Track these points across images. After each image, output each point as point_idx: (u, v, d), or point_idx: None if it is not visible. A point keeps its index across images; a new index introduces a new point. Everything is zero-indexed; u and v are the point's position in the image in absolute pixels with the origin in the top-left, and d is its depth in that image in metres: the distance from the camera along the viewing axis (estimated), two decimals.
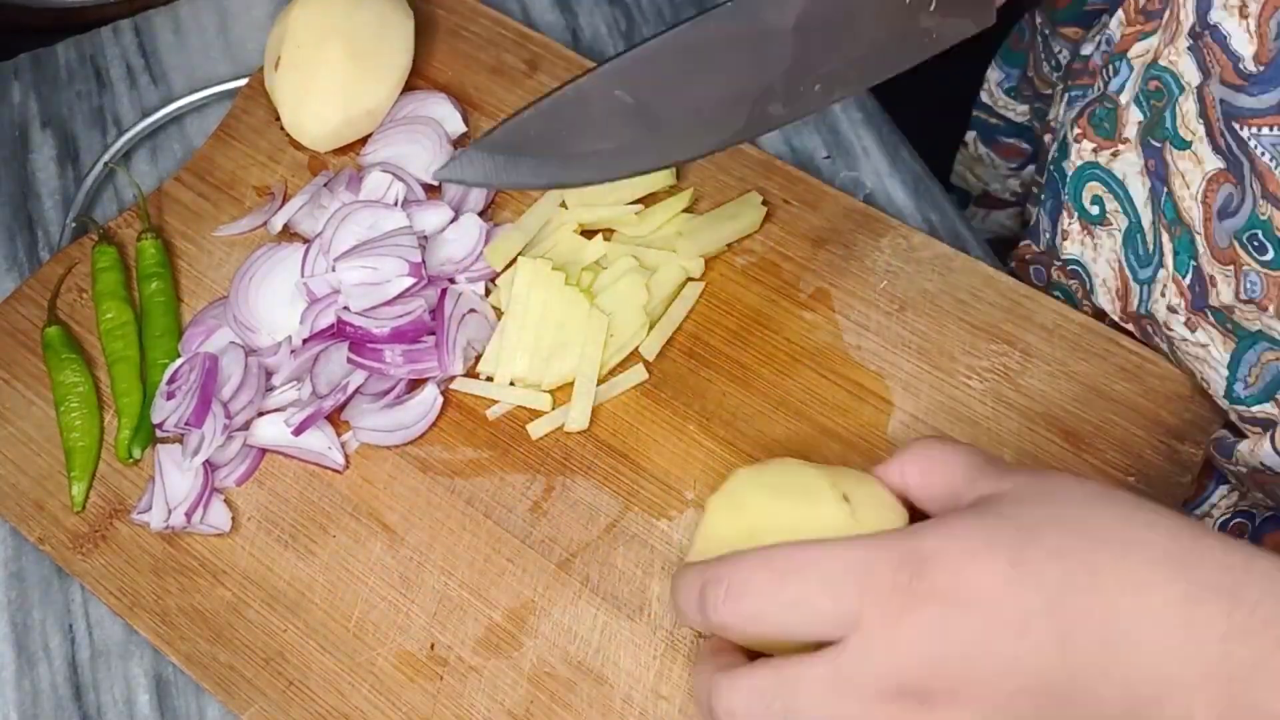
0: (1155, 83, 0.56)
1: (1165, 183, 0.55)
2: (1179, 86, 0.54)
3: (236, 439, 0.63)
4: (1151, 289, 0.58)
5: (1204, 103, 0.53)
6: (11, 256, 0.74)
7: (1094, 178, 0.61)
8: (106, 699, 0.60)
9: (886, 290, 0.65)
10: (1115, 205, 0.60)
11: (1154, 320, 0.59)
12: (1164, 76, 0.55)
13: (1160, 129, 0.55)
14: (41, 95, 0.79)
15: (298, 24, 0.70)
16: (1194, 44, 0.53)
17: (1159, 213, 0.56)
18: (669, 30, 0.49)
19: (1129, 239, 0.60)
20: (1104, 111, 0.61)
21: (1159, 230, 0.57)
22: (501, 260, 0.66)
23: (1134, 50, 0.59)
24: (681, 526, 0.59)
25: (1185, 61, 0.54)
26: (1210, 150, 0.53)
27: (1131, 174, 0.59)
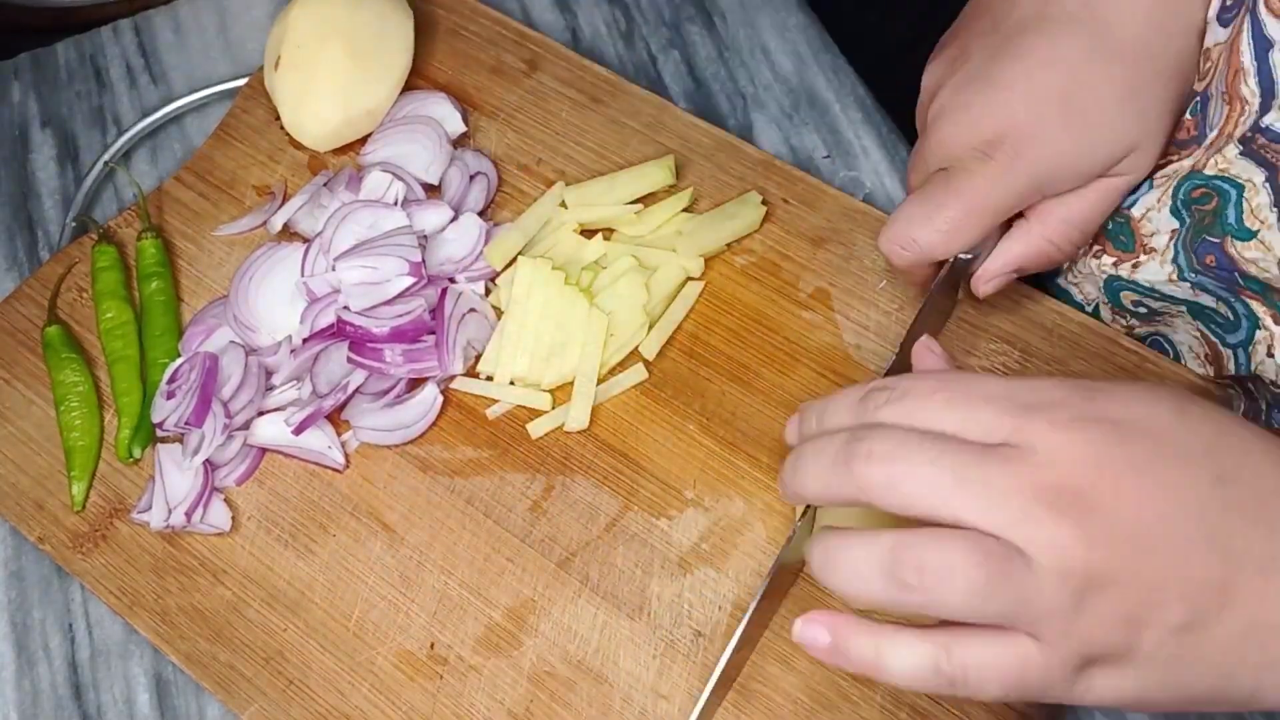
0: (1201, 189, 0.57)
1: (1234, 270, 0.56)
2: (1236, 186, 0.55)
3: (236, 438, 0.63)
4: (1251, 351, 0.58)
5: (1279, 193, 0.54)
6: (11, 256, 0.74)
7: (1124, 287, 0.62)
8: (106, 698, 0.60)
9: (886, 290, 0.65)
10: (1161, 303, 0.61)
11: (1259, 380, 0.59)
12: (1213, 183, 0.56)
13: (1220, 226, 0.56)
14: (41, 95, 0.79)
15: (298, 24, 0.70)
16: (1245, 149, 0.54)
17: (1237, 288, 0.57)
18: None
19: (1199, 314, 0.60)
20: (1116, 226, 0.62)
21: (1240, 301, 0.58)
22: (501, 260, 0.66)
23: (1161, 172, 0.59)
24: (681, 526, 0.59)
25: (1240, 164, 0.55)
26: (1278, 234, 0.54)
27: (1160, 282, 0.60)
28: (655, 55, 0.78)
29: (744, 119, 0.75)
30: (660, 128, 0.71)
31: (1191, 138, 0.58)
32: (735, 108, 0.76)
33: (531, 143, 0.72)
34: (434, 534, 0.60)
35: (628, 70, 0.77)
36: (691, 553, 0.59)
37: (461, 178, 0.69)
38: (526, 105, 0.73)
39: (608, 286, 0.65)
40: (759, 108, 0.76)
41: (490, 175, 0.70)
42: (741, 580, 0.58)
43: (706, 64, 0.78)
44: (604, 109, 0.72)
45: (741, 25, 0.79)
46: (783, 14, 0.79)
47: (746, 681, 0.56)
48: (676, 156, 0.69)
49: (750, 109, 0.76)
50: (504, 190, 0.70)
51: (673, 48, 0.78)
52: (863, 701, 0.55)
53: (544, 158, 0.71)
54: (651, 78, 0.77)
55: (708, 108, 0.76)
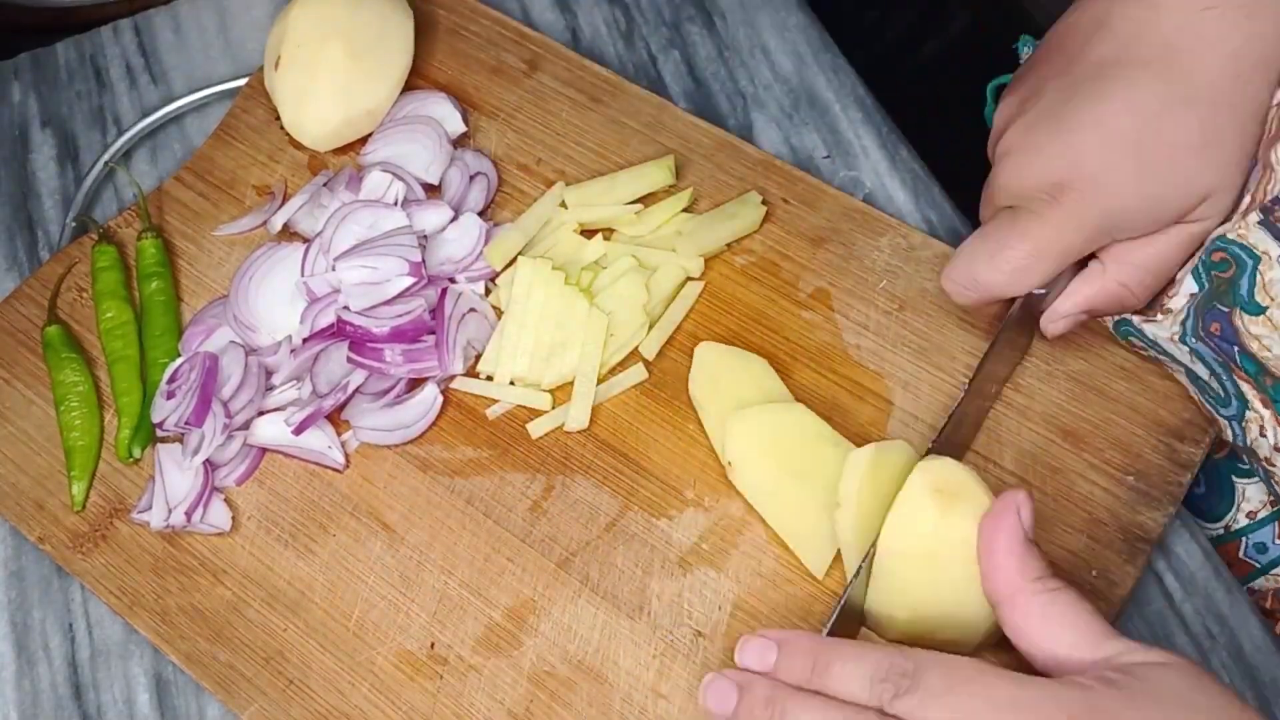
0: (1220, 254, 0.56)
1: (1236, 344, 0.56)
2: (1252, 256, 0.55)
3: (236, 438, 0.63)
4: (1245, 427, 0.58)
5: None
6: (11, 256, 0.74)
7: (1130, 333, 0.61)
8: (106, 698, 0.60)
9: (886, 289, 0.65)
10: (1165, 357, 0.61)
11: (1255, 455, 0.59)
12: (1231, 249, 0.55)
13: (1233, 295, 0.55)
14: (41, 95, 0.79)
15: (298, 24, 0.70)
16: (1265, 219, 0.54)
17: (1231, 367, 0.57)
18: None
19: (1194, 381, 0.60)
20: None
21: (1233, 380, 0.57)
22: (501, 260, 0.66)
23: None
24: (681, 526, 0.59)
25: (1256, 234, 0.54)
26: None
27: (1161, 339, 0.60)
28: (655, 55, 0.78)
29: (744, 119, 0.75)
30: (660, 127, 0.71)
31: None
32: (735, 107, 0.76)
33: (531, 143, 0.72)
34: (434, 534, 0.60)
35: (628, 70, 0.77)
36: (691, 553, 0.59)
37: (461, 178, 0.69)
38: (526, 105, 0.73)
39: (608, 286, 0.65)
40: (759, 107, 0.76)
41: (490, 175, 0.70)
42: (741, 580, 0.58)
43: (706, 64, 0.78)
44: (604, 109, 0.72)
45: (741, 25, 0.79)
46: (783, 14, 0.79)
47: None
48: (676, 156, 0.69)
49: (750, 109, 0.76)
50: (504, 190, 0.70)
51: (673, 47, 0.78)
52: None
53: (544, 158, 0.71)
54: (651, 78, 0.77)
55: (708, 107, 0.76)
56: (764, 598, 0.57)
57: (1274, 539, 0.63)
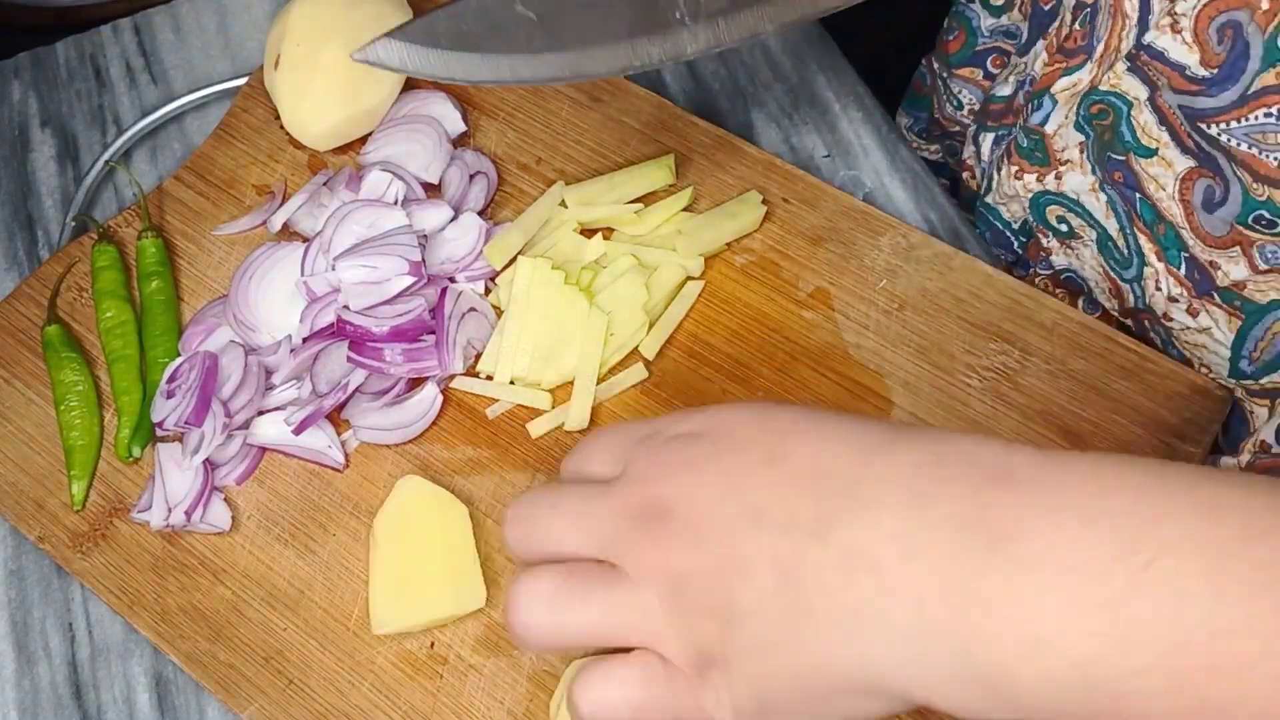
0: (1098, 106, 0.60)
1: (1137, 189, 0.59)
2: (1125, 103, 0.59)
3: (236, 438, 0.63)
4: (1144, 285, 0.62)
5: (1162, 112, 0.57)
6: (11, 255, 0.74)
7: (1051, 201, 0.65)
8: (106, 698, 0.60)
9: (886, 289, 0.65)
10: (1079, 221, 0.64)
11: (1152, 313, 0.62)
12: (1107, 99, 0.60)
13: (1119, 143, 0.59)
14: (41, 94, 0.79)
15: (297, 23, 0.70)
16: (1132, 65, 0.58)
17: (1133, 217, 0.61)
18: None
19: (1103, 247, 0.64)
20: (1030, 143, 0.65)
21: (1134, 233, 0.61)
22: (501, 259, 0.66)
23: (1058, 85, 0.63)
24: None
25: (1128, 81, 0.58)
26: (1179, 153, 0.57)
27: (1084, 191, 0.63)
28: None
29: (744, 118, 0.75)
30: (660, 127, 0.71)
31: (1079, 47, 0.62)
32: (735, 107, 0.76)
33: (531, 142, 0.72)
34: None
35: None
36: None
37: (461, 177, 0.69)
38: (526, 104, 0.73)
39: (607, 286, 0.65)
40: (759, 107, 0.75)
41: (490, 174, 0.70)
42: None
43: (706, 63, 0.77)
44: (604, 108, 0.72)
45: None
46: None
47: None
48: (676, 156, 0.69)
49: (750, 108, 0.76)
50: (504, 189, 0.70)
51: None
52: None
53: (544, 157, 0.71)
54: (651, 76, 0.77)
55: (708, 107, 0.76)
56: None
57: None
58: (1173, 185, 0.58)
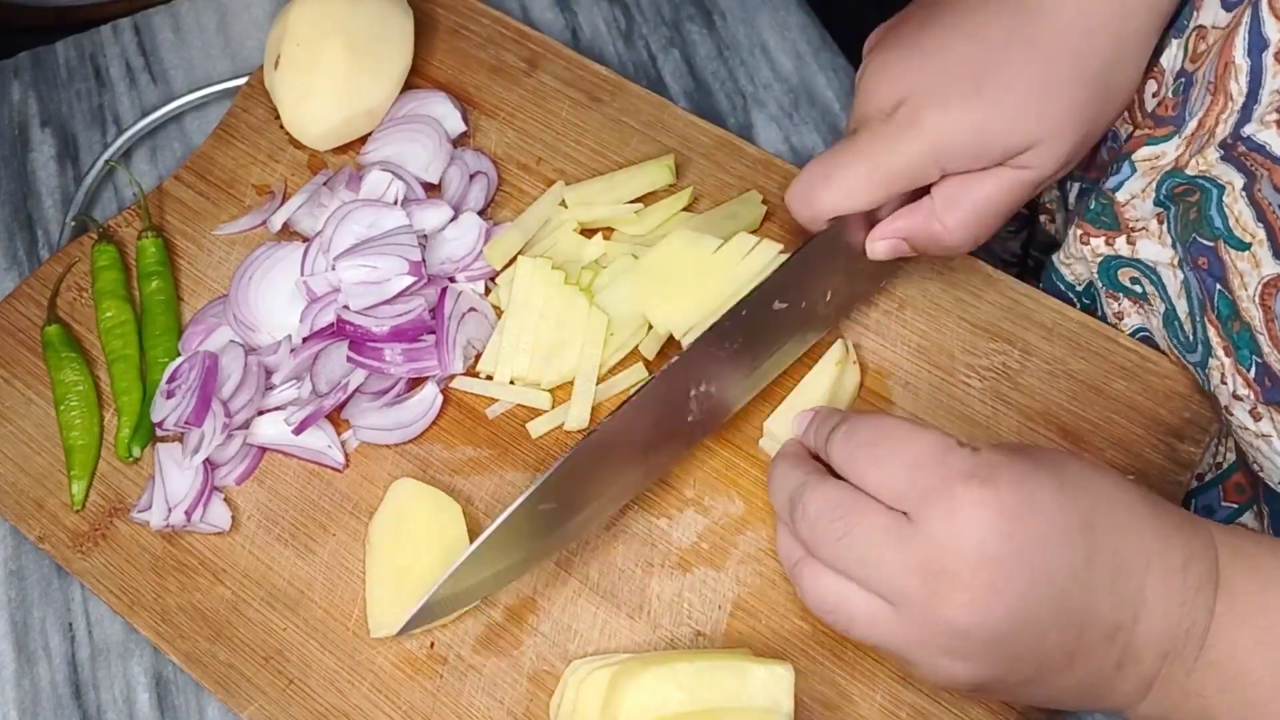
0: (1183, 187, 0.57)
1: (1221, 281, 0.56)
2: (1218, 187, 0.55)
3: (236, 437, 0.63)
4: (1208, 374, 0.58)
5: (1260, 207, 0.53)
6: (11, 255, 0.74)
7: (1124, 265, 0.62)
8: (106, 697, 0.60)
9: (886, 289, 0.65)
10: (1152, 289, 0.61)
11: (1216, 401, 0.59)
12: (1196, 182, 0.56)
13: (1209, 226, 0.55)
14: (41, 94, 0.79)
15: (297, 22, 0.70)
16: (1226, 154, 0.54)
17: (1208, 307, 0.57)
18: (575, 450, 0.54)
19: (1168, 324, 0.60)
20: (1099, 206, 0.62)
21: (1203, 324, 0.58)
22: (501, 259, 0.66)
23: (1141, 153, 0.59)
24: (681, 525, 0.59)
25: (1221, 168, 0.55)
26: (1270, 254, 0.53)
27: (1162, 264, 0.60)
28: (655, 54, 0.78)
29: (744, 118, 0.75)
30: (660, 127, 0.71)
31: (1169, 116, 0.58)
32: (735, 106, 0.76)
33: (531, 142, 0.72)
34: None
35: (628, 69, 0.77)
36: (691, 552, 0.59)
37: (461, 177, 0.69)
38: (526, 104, 0.73)
39: (607, 286, 0.65)
40: (759, 106, 0.76)
41: (490, 174, 0.70)
42: (741, 580, 0.58)
43: (706, 63, 0.78)
44: (604, 108, 0.72)
45: (741, 24, 0.79)
46: (782, 13, 0.79)
47: None
48: (676, 155, 0.69)
49: (750, 108, 0.76)
50: (504, 189, 0.70)
51: (672, 47, 0.78)
52: (862, 701, 0.55)
53: (544, 157, 0.71)
54: (651, 77, 0.77)
55: (707, 106, 0.76)
56: (764, 597, 0.57)
57: (1219, 501, 0.63)
58: (1255, 287, 0.54)
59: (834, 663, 0.56)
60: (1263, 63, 0.52)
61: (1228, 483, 0.63)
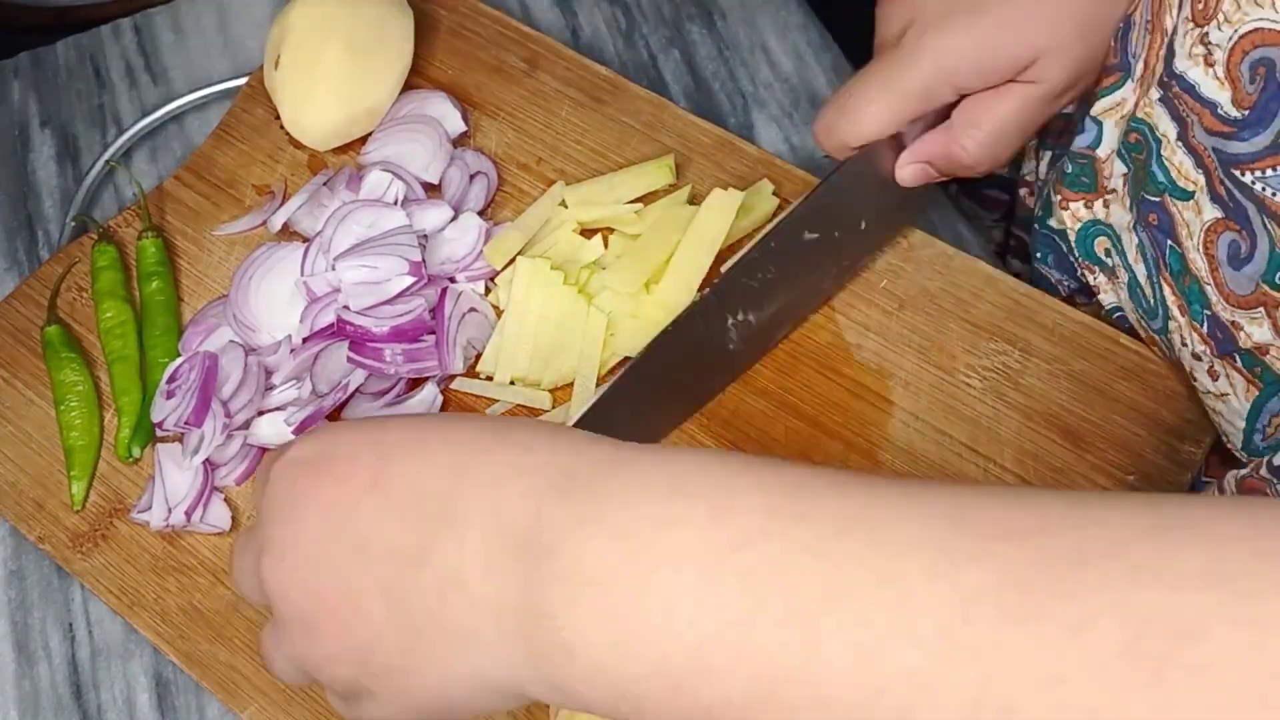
0: (1135, 135, 0.57)
1: (1170, 235, 0.55)
2: (1155, 138, 0.55)
3: (236, 438, 0.63)
4: (1170, 339, 0.58)
5: (1197, 153, 0.53)
6: (11, 255, 0.74)
7: (1100, 232, 0.62)
8: (106, 698, 0.60)
9: (887, 289, 0.65)
10: (1117, 259, 0.61)
11: (1182, 368, 0.59)
12: (1141, 129, 0.56)
13: (1153, 182, 0.55)
14: (41, 94, 0.79)
15: (298, 23, 0.70)
16: (1164, 94, 0.54)
17: (1160, 265, 0.57)
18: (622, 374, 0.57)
19: (1132, 292, 0.60)
20: (1078, 168, 0.62)
21: (1159, 283, 0.57)
22: (501, 259, 0.66)
23: (1099, 105, 0.60)
24: None
25: (1158, 112, 0.55)
26: (1209, 200, 0.52)
27: (1122, 227, 0.60)
28: (655, 54, 0.78)
29: (744, 118, 0.75)
30: (660, 126, 0.71)
31: (1112, 64, 0.59)
32: (735, 106, 0.76)
33: (531, 142, 0.72)
34: None
35: (628, 69, 0.77)
36: None
37: (461, 177, 0.69)
38: (527, 104, 0.73)
39: (607, 286, 0.65)
40: (759, 106, 0.75)
41: (490, 175, 0.70)
42: None
43: (706, 63, 0.77)
44: (604, 108, 0.72)
45: (741, 24, 0.79)
46: (783, 12, 0.79)
47: None
48: (676, 155, 0.69)
49: (750, 107, 0.76)
50: (504, 190, 0.70)
51: (673, 47, 0.78)
52: None
53: (544, 157, 0.71)
54: (651, 77, 0.77)
55: (708, 106, 0.76)
56: None
57: (1201, 475, 0.63)
58: (1199, 234, 0.53)
59: None
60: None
61: (1211, 457, 0.62)
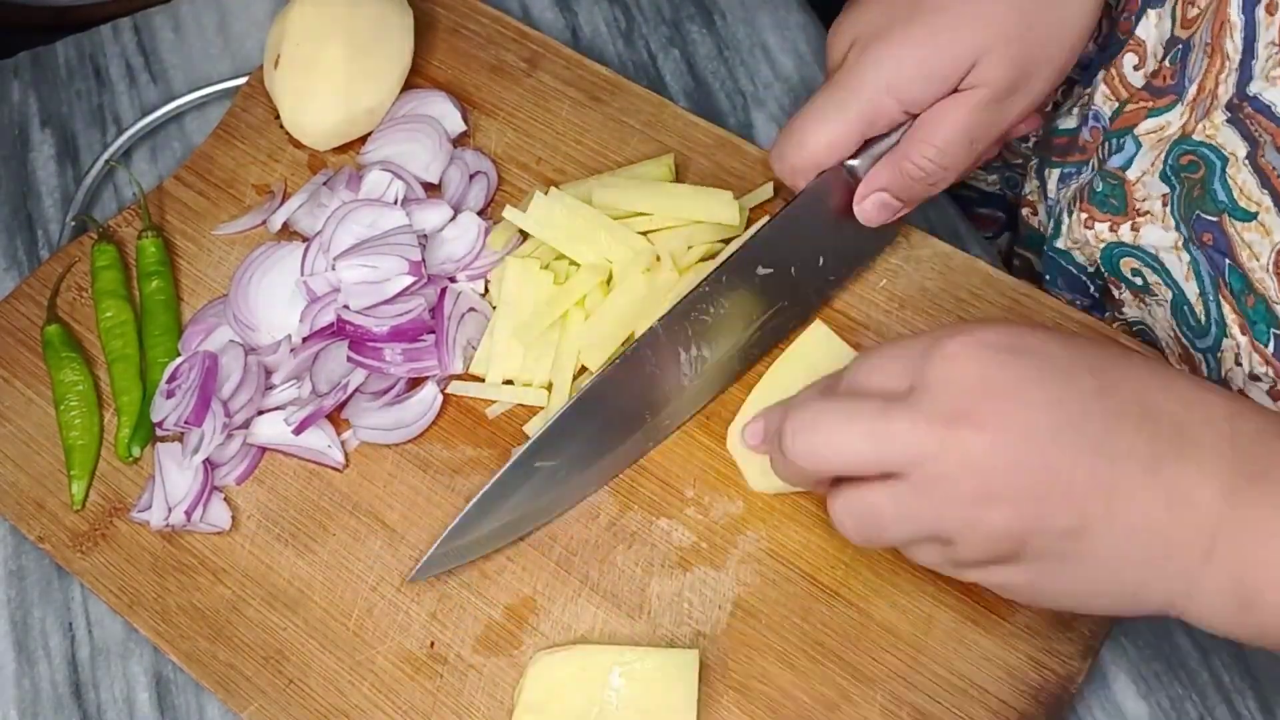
0: (1189, 157, 0.56)
1: (1228, 254, 0.55)
2: (1221, 158, 0.54)
3: (236, 437, 0.63)
4: (1220, 358, 0.57)
5: (1264, 173, 0.52)
6: (11, 255, 0.74)
7: (1126, 253, 0.61)
8: (106, 697, 0.60)
9: (886, 289, 0.65)
10: (1156, 278, 0.60)
11: (1229, 386, 0.58)
12: (1200, 150, 0.55)
13: (1211, 201, 0.55)
14: (41, 94, 0.79)
15: (297, 22, 0.70)
16: (1233, 116, 0.53)
17: (1219, 284, 0.56)
18: (570, 403, 0.57)
19: (1177, 311, 0.59)
20: (1107, 188, 0.61)
21: (1218, 301, 0.57)
22: (504, 244, 0.66)
23: (1145, 126, 0.59)
24: (681, 525, 0.59)
25: (1226, 133, 0.54)
26: (1278, 219, 0.52)
27: (1164, 249, 0.59)
28: (655, 54, 0.78)
29: (744, 117, 0.75)
30: (660, 126, 0.71)
31: (1169, 86, 0.57)
32: (735, 106, 0.76)
33: (531, 141, 0.72)
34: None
35: (627, 69, 0.77)
36: (691, 552, 0.59)
37: (461, 177, 0.69)
38: (526, 104, 0.73)
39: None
40: (759, 106, 0.75)
41: (490, 174, 0.70)
42: (741, 579, 0.58)
43: (706, 62, 0.78)
44: (604, 107, 0.72)
45: (741, 23, 0.79)
46: (782, 12, 0.79)
47: (746, 680, 0.56)
48: (676, 155, 0.69)
49: (750, 107, 0.76)
50: (504, 189, 0.70)
51: (672, 46, 0.78)
52: (863, 701, 0.55)
53: (544, 156, 0.71)
54: (651, 76, 0.77)
55: (708, 106, 0.76)
56: (764, 597, 0.57)
57: None
58: (1268, 255, 0.53)
59: (834, 663, 0.56)
60: (1256, 17, 0.52)
61: None
